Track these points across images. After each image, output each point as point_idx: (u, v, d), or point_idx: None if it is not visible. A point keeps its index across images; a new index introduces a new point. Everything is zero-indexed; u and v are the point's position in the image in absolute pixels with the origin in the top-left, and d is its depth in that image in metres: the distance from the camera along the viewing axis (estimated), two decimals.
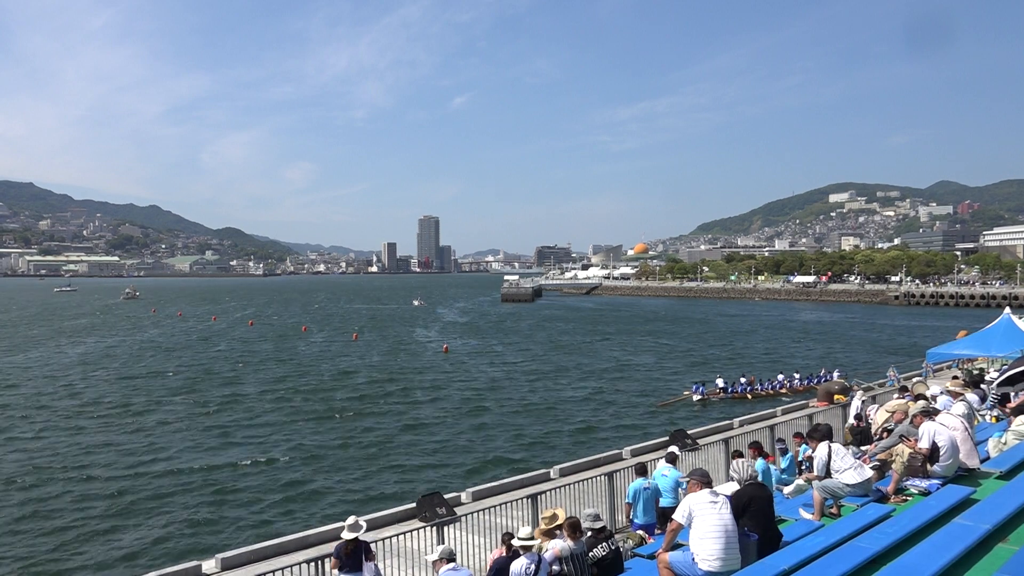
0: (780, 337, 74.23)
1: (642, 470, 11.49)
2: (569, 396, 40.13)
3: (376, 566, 8.47)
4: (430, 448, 28.41)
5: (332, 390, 42.13)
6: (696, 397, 37.13)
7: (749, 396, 37.19)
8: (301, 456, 27.08)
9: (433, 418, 34.14)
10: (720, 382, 38.56)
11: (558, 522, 7.76)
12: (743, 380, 39.14)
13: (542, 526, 7.95)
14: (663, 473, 11.19)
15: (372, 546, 8.88)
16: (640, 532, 10.23)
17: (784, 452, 13.39)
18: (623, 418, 34.19)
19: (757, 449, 12.10)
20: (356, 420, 33.56)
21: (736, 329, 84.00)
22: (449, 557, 7.83)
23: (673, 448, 12.63)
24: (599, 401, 38.60)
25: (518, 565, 7.13)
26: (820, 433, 9.73)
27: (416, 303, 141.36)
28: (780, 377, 39.71)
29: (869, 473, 8.98)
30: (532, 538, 7.51)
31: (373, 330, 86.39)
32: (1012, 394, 14.56)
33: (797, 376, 39.60)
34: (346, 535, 8.26)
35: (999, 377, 15.76)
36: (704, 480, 7.33)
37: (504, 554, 7.84)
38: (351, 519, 8.52)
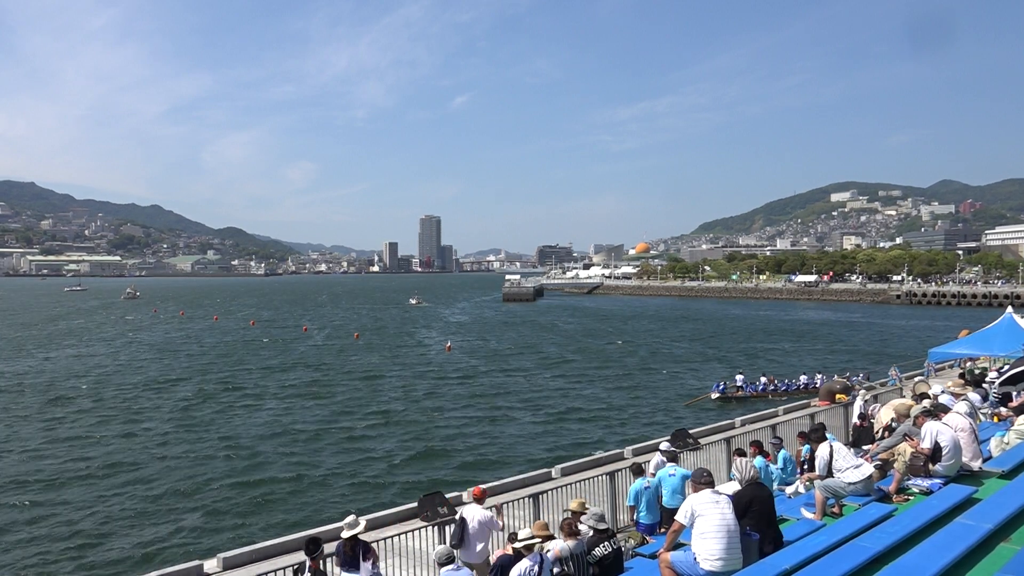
0: (781, 337, 74.15)
1: (639, 470, 11.45)
2: (572, 395, 40.09)
3: (375, 565, 8.48)
4: (432, 447, 28.40)
5: (333, 390, 42.12)
6: (714, 395, 37.23)
7: (769, 396, 37.02)
8: (302, 455, 27.11)
9: (435, 417, 34.13)
10: (739, 379, 38.58)
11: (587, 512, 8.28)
12: (763, 379, 39.14)
13: (573, 506, 8.67)
14: (669, 473, 11.14)
15: (374, 546, 8.91)
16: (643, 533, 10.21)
17: (779, 448, 13.29)
18: (628, 417, 34.17)
19: (757, 447, 12.07)
20: (358, 419, 33.55)
21: (739, 329, 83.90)
22: (450, 557, 7.84)
23: (665, 444, 12.59)
24: (603, 400, 38.55)
25: (521, 567, 7.12)
26: (820, 433, 9.74)
27: (413, 302, 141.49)
28: (803, 378, 39.33)
29: (870, 471, 8.97)
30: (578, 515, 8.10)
31: (375, 330, 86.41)
32: (1014, 393, 14.56)
33: (820, 376, 39.16)
34: (345, 534, 8.33)
35: (1001, 377, 15.74)
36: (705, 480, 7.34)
37: (507, 554, 7.84)
38: (350, 517, 8.61)
